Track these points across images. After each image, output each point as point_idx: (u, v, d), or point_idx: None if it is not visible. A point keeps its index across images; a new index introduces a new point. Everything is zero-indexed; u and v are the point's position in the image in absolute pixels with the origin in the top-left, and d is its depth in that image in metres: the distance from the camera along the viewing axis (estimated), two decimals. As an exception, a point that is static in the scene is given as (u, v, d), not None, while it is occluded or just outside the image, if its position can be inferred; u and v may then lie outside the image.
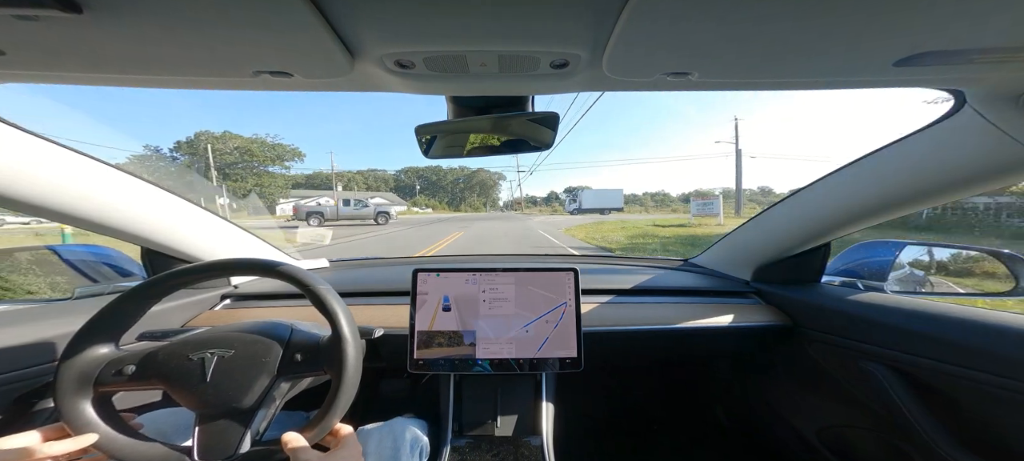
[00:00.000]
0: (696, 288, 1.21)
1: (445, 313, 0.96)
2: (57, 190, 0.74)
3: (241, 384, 0.59)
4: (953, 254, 1.07)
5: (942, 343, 0.79)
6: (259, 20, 0.40)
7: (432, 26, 0.43)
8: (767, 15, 0.40)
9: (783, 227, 1.10)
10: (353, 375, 0.60)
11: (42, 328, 0.77)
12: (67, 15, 0.37)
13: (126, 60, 0.49)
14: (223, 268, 0.66)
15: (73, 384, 0.56)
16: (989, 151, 0.65)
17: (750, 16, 0.40)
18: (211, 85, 0.58)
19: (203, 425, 0.57)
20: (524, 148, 0.72)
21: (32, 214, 0.76)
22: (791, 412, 1.20)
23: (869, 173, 0.85)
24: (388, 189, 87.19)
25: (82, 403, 0.56)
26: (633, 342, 1.07)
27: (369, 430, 0.84)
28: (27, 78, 0.59)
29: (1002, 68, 0.52)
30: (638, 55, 0.48)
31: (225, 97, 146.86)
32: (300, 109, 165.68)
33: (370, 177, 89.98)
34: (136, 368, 0.59)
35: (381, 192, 76.40)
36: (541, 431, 0.98)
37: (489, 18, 0.42)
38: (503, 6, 0.40)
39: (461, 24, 0.43)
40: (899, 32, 0.43)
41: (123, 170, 0.85)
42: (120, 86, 0.58)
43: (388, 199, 47.85)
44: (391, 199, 52.32)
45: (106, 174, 0.82)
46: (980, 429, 0.77)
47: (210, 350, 0.60)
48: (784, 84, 0.58)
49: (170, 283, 0.64)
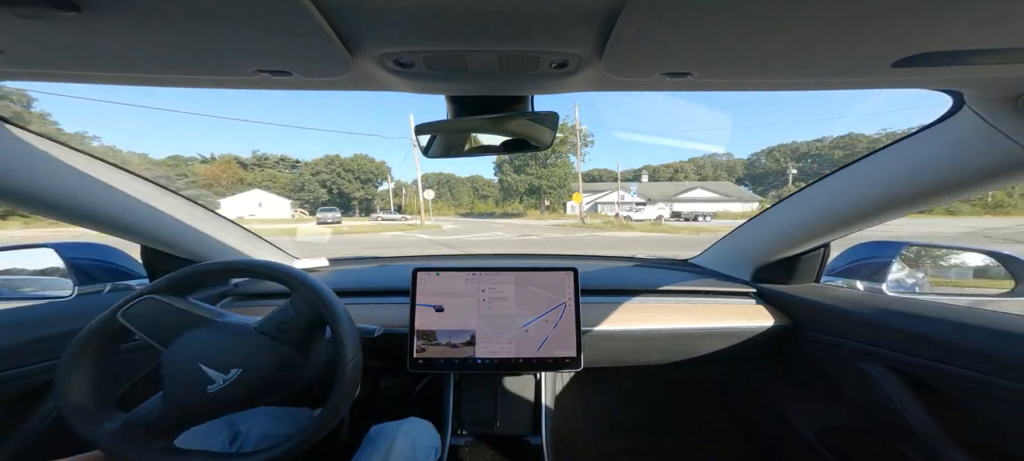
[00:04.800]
0: (696, 288, 1.21)
1: (445, 312, 0.96)
2: (57, 189, 0.74)
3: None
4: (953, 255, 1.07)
5: (941, 344, 0.79)
6: (259, 19, 0.40)
7: (432, 25, 0.43)
8: (766, 16, 0.40)
9: (783, 227, 1.10)
10: (353, 375, 0.61)
11: (42, 327, 0.78)
12: (65, 13, 0.37)
13: (125, 59, 0.49)
14: (222, 271, 0.66)
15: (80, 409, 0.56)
16: (988, 152, 0.65)
17: (749, 17, 0.40)
18: (210, 84, 0.58)
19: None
20: (524, 148, 0.72)
21: (32, 212, 0.76)
22: (790, 412, 1.20)
23: (868, 174, 0.85)
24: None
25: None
26: (632, 342, 1.07)
27: (387, 427, 0.83)
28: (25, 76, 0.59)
29: (1000, 69, 0.52)
30: (637, 55, 0.49)
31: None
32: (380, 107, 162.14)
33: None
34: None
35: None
36: (540, 430, 0.98)
37: (489, 18, 0.42)
38: (503, 6, 0.40)
39: (461, 23, 0.43)
40: (898, 33, 0.43)
41: (123, 168, 0.85)
42: (118, 84, 0.58)
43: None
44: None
45: (106, 172, 0.82)
46: (979, 430, 0.77)
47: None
48: (782, 84, 0.58)
49: (167, 289, 0.64)
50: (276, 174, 62.20)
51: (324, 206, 42.09)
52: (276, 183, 58.76)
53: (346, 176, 59.95)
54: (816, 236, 1.04)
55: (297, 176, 61.47)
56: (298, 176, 61.23)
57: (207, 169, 55.77)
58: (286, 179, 61.37)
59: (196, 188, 49.79)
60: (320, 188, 58.32)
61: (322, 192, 58.37)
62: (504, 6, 0.40)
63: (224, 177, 54.29)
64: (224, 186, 51.77)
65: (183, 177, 51.90)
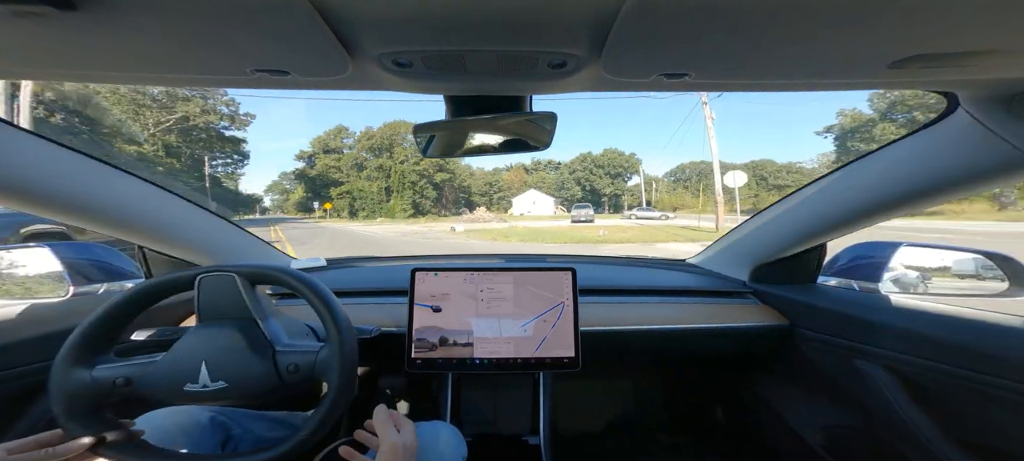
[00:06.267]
0: (693, 288, 1.21)
1: (443, 312, 0.96)
2: (56, 188, 0.74)
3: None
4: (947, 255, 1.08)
5: (936, 343, 0.79)
6: (257, 19, 0.40)
7: (430, 25, 0.43)
8: (763, 18, 0.40)
9: (780, 228, 1.10)
10: (350, 376, 0.60)
11: (37, 327, 0.77)
12: (62, 12, 0.37)
13: (122, 58, 0.49)
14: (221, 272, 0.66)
15: (67, 398, 0.56)
16: (982, 153, 0.66)
17: (746, 18, 0.40)
18: (208, 83, 0.58)
19: None
20: (522, 147, 0.72)
21: (32, 211, 0.76)
22: (787, 412, 1.20)
23: (864, 175, 0.86)
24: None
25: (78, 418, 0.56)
26: (631, 342, 1.08)
27: (424, 425, 0.81)
28: (23, 75, 0.59)
29: (994, 71, 0.53)
30: (635, 56, 0.49)
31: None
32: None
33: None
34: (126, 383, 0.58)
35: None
36: (538, 430, 0.98)
37: (487, 18, 0.42)
38: (501, 6, 0.40)
39: (460, 23, 0.43)
40: (894, 34, 0.43)
41: (121, 168, 0.85)
42: (116, 84, 0.58)
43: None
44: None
45: (104, 172, 0.82)
46: (975, 429, 0.78)
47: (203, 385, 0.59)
48: (780, 85, 0.58)
49: (166, 289, 0.63)
50: (545, 176, 69.68)
51: (578, 203, 39.99)
52: (544, 183, 66.49)
53: (597, 172, 63.62)
54: (813, 237, 1.04)
55: (558, 176, 67.99)
56: (559, 176, 67.96)
57: (507, 176, 67.30)
58: (552, 180, 67.82)
59: (500, 192, 62.64)
60: (575, 186, 63.79)
61: (577, 189, 63.16)
62: (502, 6, 0.40)
63: (516, 181, 64.81)
64: (515, 189, 61.88)
65: (492, 184, 64.36)
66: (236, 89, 4.87)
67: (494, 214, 40.97)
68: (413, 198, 47.91)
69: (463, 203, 56.66)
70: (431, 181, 49.86)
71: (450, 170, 52.64)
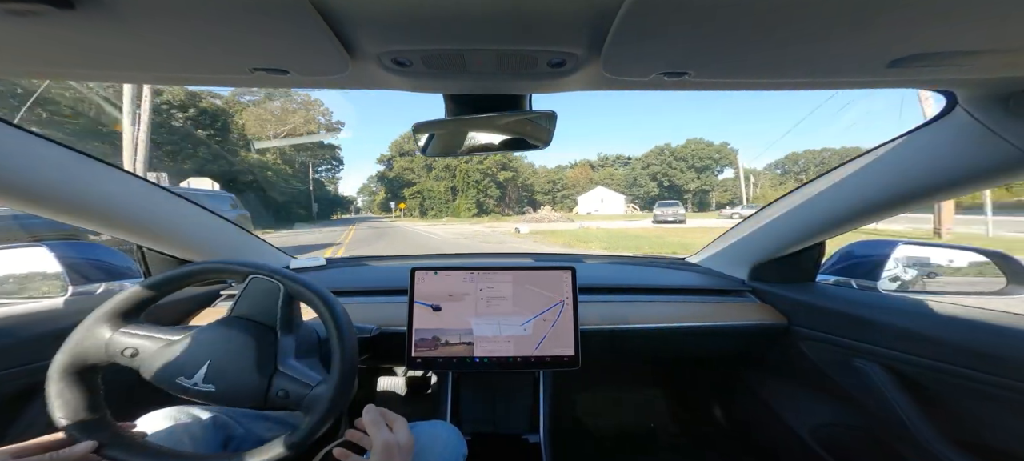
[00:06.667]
0: (692, 287, 1.21)
1: (443, 311, 0.96)
2: (55, 187, 0.74)
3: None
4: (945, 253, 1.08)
5: (934, 341, 0.79)
6: (256, 18, 0.40)
7: (429, 24, 0.43)
8: (763, 17, 0.40)
9: (778, 227, 1.11)
10: (350, 375, 0.60)
11: (34, 327, 0.77)
12: (60, 11, 0.37)
13: (120, 57, 0.49)
14: (220, 271, 0.66)
15: (67, 383, 0.55)
16: (980, 152, 0.66)
17: (746, 17, 0.41)
18: (207, 82, 0.57)
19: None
20: (522, 147, 0.72)
21: (30, 210, 0.76)
22: (785, 410, 1.21)
23: (863, 174, 0.86)
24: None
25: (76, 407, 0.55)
26: (630, 341, 1.08)
27: (416, 427, 0.80)
28: (22, 74, 0.59)
29: (992, 70, 0.53)
30: (634, 55, 0.49)
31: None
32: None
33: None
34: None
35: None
36: (538, 428, 0.99)
37: (486, 17, 0.42)
38: (500, 5, 0.40)
39: (459, 22, 0.43)
40: (893, 33, 0.43)
41: (120, 168, 0.85)
42: (114, 82, 0.58)
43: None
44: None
45: (103, 171, 0.81)
46: (972, 427, 0.78)
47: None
48: (779, 84, 0.58)
49: (216, 271, 0.64)
50: (613, 172, 66.24)
51: (663, 200, 32.01)
52: (613, 180, 62.64)
53: (678, 165, 57.04)
54: (811, 235, 1.05)
55: (629, 172, 64.16)
56: (630, 171, 63.89)
57: (571, 173, 65.06)
58: (620, 176, 64.03)
59: (565, 190, 59.70)
60: (650, 182, 58.54)
61: (652, 186, 58.06)
62: (501, 5, 0.40)
63: (581, 178, 62.43)
64: (580, 187, 59.02)
65: (555, 181, 61.79)
66: (327, 92, 3.94)
67: (560, 213, 36.97)
68: (477, 197, 47.47)
69: (527, 202, 54.45)
70: (495, 180, 48.84)
71: (513, 168, 51.58)
